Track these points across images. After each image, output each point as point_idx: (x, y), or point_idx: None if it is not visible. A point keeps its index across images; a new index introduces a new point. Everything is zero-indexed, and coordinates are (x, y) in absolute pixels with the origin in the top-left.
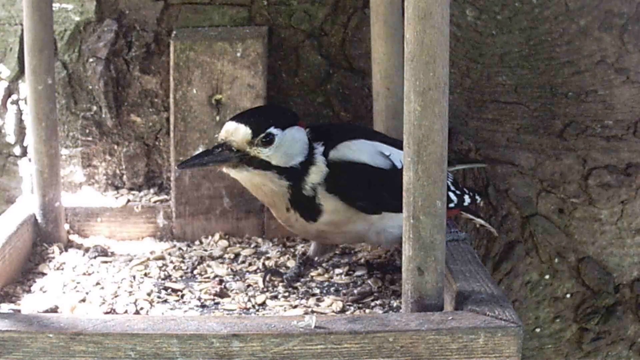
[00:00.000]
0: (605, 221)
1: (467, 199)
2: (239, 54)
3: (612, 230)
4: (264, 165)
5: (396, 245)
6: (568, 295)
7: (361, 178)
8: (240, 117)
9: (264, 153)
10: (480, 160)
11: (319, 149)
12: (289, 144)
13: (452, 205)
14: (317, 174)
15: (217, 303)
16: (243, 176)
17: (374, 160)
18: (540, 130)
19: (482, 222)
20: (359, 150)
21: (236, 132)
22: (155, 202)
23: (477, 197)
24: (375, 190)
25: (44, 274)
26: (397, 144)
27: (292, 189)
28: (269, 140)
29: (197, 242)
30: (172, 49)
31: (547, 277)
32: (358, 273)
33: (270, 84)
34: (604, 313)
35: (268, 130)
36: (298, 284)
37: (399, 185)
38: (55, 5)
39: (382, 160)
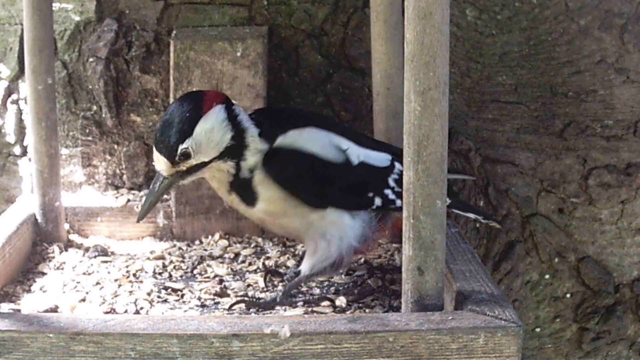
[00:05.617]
0: (605, 221)
1: None
2: (239, 54)
3: (612, 230)
4: (200, 166)
5: (351, 260)
6: (568, 295)
7: (305, 168)
8: (156, 145)
9: (191, 162)
10: (467, 173)
11: (252, 128)
12: (206, 139)
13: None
14: (253, 153)
15: (217, 303)
16: (191, 179)
17: (324, 152)
18: (540, 130)
19: (473, 215)
20: (311, 140)
21: (159, 163)
22: None
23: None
24: (321, 183)
25: (44, 274)
26: (364, 141)
27: (234, 168)
28: (186, 155)
29: (197, 242)
30: (172, 48)
31: (547, 276)
32: (358, 273)
33: (270, 84)
34: (604, 313)
35: (180, 148)
36: None
37: (352, 182)
38: (55, 5)
39: (335, 153)
